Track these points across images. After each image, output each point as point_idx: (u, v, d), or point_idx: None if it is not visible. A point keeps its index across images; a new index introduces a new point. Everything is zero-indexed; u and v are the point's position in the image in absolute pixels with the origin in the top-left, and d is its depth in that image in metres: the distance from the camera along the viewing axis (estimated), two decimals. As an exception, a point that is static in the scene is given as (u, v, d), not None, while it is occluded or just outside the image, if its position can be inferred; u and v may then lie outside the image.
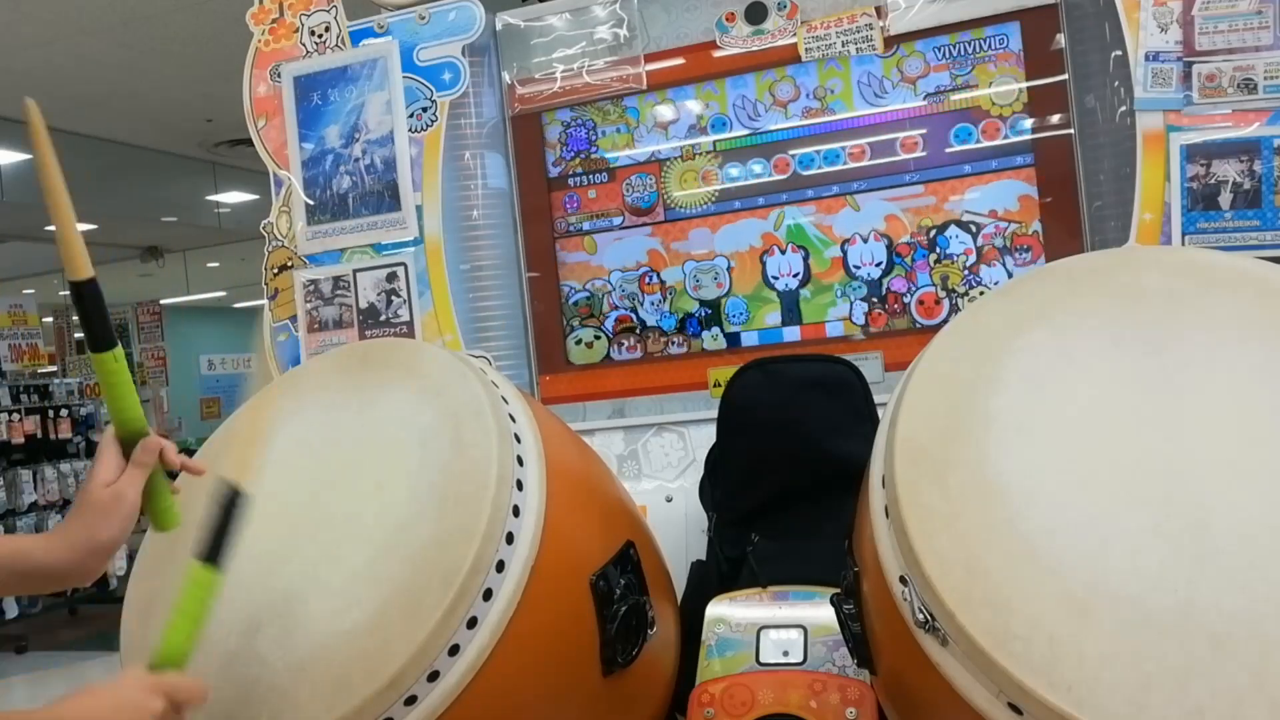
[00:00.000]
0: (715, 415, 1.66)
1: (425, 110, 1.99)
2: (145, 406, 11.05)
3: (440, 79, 1.98)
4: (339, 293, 2.05)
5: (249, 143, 2.14)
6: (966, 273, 1.85)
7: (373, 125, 2.02)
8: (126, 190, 7.91)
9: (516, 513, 1.09)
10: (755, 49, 1.92)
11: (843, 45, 1.86)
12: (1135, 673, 0.83)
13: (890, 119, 1.89)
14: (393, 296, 2.01)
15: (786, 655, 1.35)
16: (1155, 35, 1.60)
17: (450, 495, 1.08)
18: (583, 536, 1.23)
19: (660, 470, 1.93)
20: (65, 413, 7.13)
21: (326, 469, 1.20)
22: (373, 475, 1.15)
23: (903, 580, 0.97)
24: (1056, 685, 0.83)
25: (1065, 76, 1.77)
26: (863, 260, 1.90)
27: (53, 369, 8.59)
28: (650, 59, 1.98)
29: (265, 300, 2.12)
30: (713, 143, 1.99)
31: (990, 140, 1.83)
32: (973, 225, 1.84)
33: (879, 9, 1.84)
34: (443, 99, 1.98)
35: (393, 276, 2.01)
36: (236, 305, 14.06)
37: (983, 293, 1.83)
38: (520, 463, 1.13)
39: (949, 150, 1.85)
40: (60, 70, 5.73)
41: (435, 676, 1.00)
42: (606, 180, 2.06)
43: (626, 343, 2.05)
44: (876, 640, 1.12)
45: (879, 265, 1.90)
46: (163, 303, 11.29)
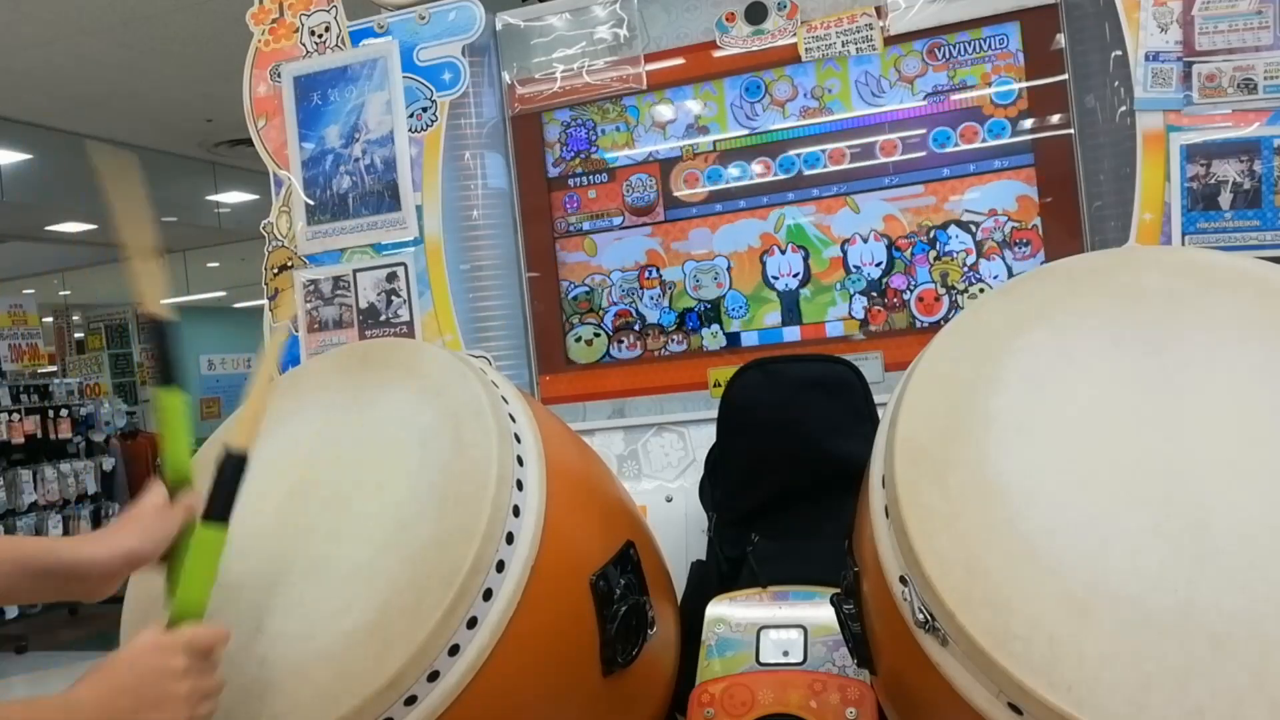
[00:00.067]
0: (715, 415, 1.65)
1: (425, 110, 1.99)
2: (145, 406, 11.08)
3: (440, 79, 1.98)
4: (339, 293, 2.05)
5: (249, 143, 2.14)
6: (966, 270, 1.85)
7: (373, 125, 2.02)
8: (126, 190, 7.90)
9: (516, 513, 1.09)
10: (755, 49, 1.92)
11: (843, 45, 1.86)
12: (1135, 673, 0.83)
13: (889, 119, 1.89)
14: (393, 296, 2.01)
15: (786, 655, 1.35)
16: (1155, 35, 1.60)
17: (450, 495, 1.08)
18: (583, 536, 1.23)
19: (660, 470, 1.93)
20: (65, 413, 7.13)
21: (326, 469, 1.20)
22: (372, 475, 1.15)
23: (903, 580, 0.97)
24: (1056, 685, 0.83)
25: (1065, 76, 1.77)
26: (863, 260, 1.90)
27: (53, 369, 8.60)
28: (650, 59, 1.98)
29: (265, 300, 2.13)
30: (713, 142, 1.99)
31: (990, 140, 1.83)
32: (972, 225, 1.85)
33: (879, 9, 1.84)
34: (443, 99, 1.99)
35: (393, 276, 2.01)
36: (236, 305, 14.07)
37: (983, 289, 1.84)
38: (520, 463, 1.13)
39: (948, 150, 1.86)
40: (60, 70, 5.73)
41: (435, 676, 1.00)
42: (606, 180, 2.06)
43: (626, 340, 2.05)
44: (876, 640, 1.12)
45: (879, 265, 1.90)
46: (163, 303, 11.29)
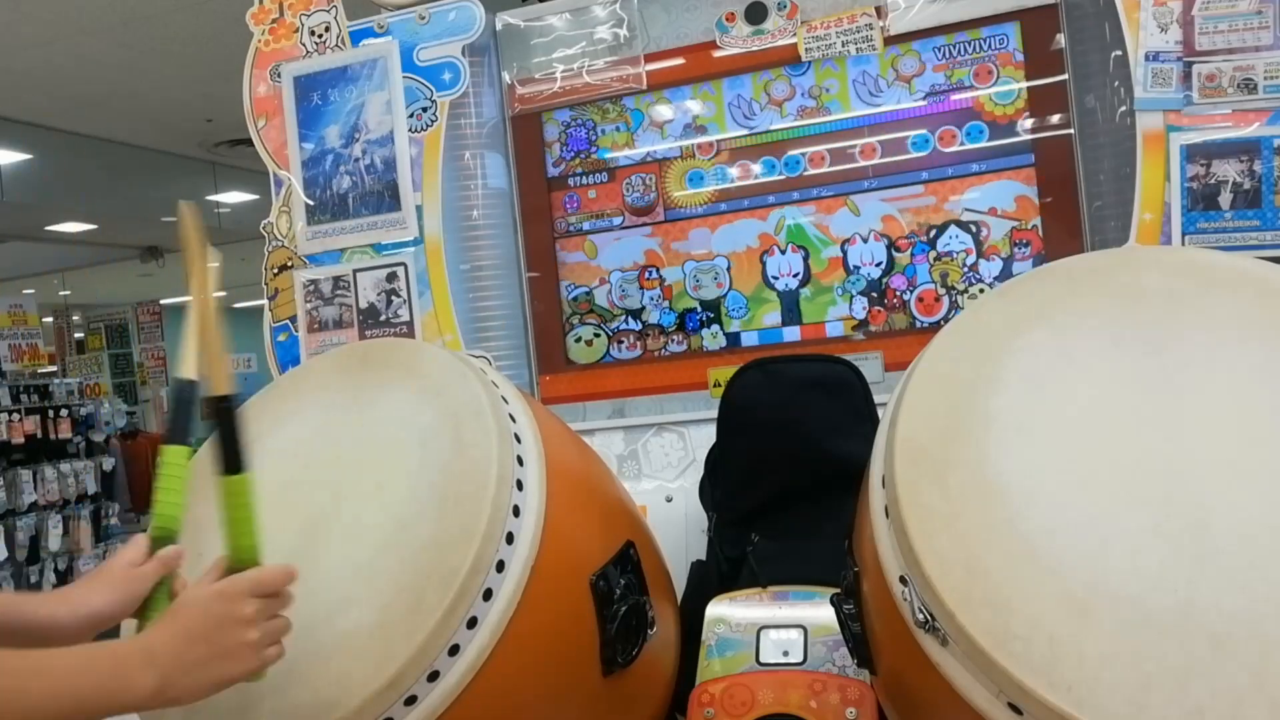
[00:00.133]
0: (715, 415, 1.65)
1: (425, 110, 1.99)
2: (145, 406, 11.03)
3: (440, 79, 1.98)
4: (339, 293, 2.05)
5: (249, 143, 2.14)
6: (966, 270, 1.85)
7: (373, 125, 2.02)
8: (126, 190, 7.91)
9: (516, 513, 1.09)
10: (755, 49, 1.92)
11: (843, 45, 1.86)
12: (1135, 673, 0.83)
13: (888, 119, 1.89)
14: (393, 296, 2.01)
15: (786, 655, 1.35)
16: (1155, 35, 1.60)
17: (450, 495, 1.08)
18: (583, 536, 1.23)
19: (660, 470, 1.93)
20: (65, 413, 7.12)
21: (326, 469, 1.20)
22: (373, 475, 1.15)
23: (903, 580, 0.97)
24: (1056, 685, 0.83)
25: (1065, 76, 1.76)
26: (862, 260, 1.90)
27: (53, 369, 8.60)
28: (650, 59, 1.98)
29: (265, 300, 2.13)
30: (713, 142, 1.99)
31: (990, 140, 1.83)
32: (973, 225, 1.84)
33: (879, 9, 1.83)
34: (443, 99, 1.98)
35: (393, 276, 2.01)
36: (236, 305, 14.06)
37: (982, 289, 1.83)
38: (520, 463, 1.13)
39: (948, 150, 1.85)
40: (60, 70, 5.73)
41: (435, 676, 1.00)
42: (606, 180, 2.06)
43: (626, 340, 2.05)
44: (876, 640, 1.12)
45: (879, 265, 1.90)
46: (163, 303, 11.30)
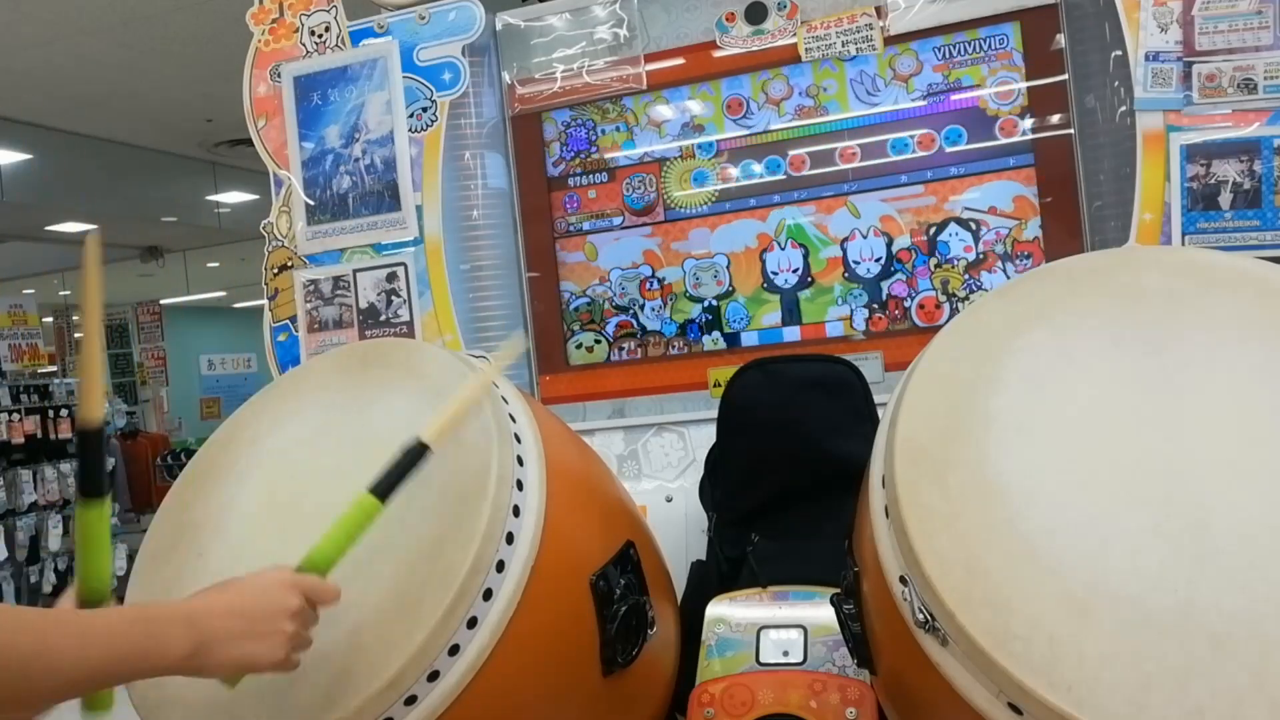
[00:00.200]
0: (715, 415, 1.65)
1: (425, 110, 1.99)
2: (145, 406, 11.01)
3: (440, 79, 1.98)
4: (339, 293, 2.05)
5: (249, 143, 2.14)
6: (967, 276, 1.85)
7: (373, 125, 2.02)
8: (126, 190, 7.91)
9: (516, 513, 1.09)
10: (755, 49, 1.92)
11: (843, 45, 1.86)
12: (1135, 673, 0.83)
13: (888, 119, 1.89)
14: (393, 296, 2.01)
15: (786, 655, 1.35)
16: (1155, 35, 1.60)
17: (450, 495, 1.08)
18: (583, 536, 1.23)
19: (660, 470, 1.93)
20: (65, 413, 7.12)
21: (326, 469, 1.20)
22: (372, 475, 1.14)
23: (903, 580, 0.97)
24: (1056, 685, 0.83)
25: (1065, 76, 1.77)
26: (862, 255, 1.90)
27: (53, 369, 8.59)
28: (650, 59, 1.98)
29: (266, 300, 2.13)
30: (713, 142, 1.99)
31: (990, 140, 1.83)
32: (973, 223, 1.84)
33: (879, 9, 1.84)
34: (443, 99, 1.98)
35: (393, 276, 2.01)
36: (236, 305, 14.07)
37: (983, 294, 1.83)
38: (520, 463, 1.13)
39: (948, 150, 1.85)
40: (60, 70, 5.73)
41: (435, 676, 1.00)
42: (606, 180, 2.06)
43: (627, 347, 2.05)
44: (876, 640, 1.12)
45: (878, 260, 1.89)
46: (163, 303, 11.31)
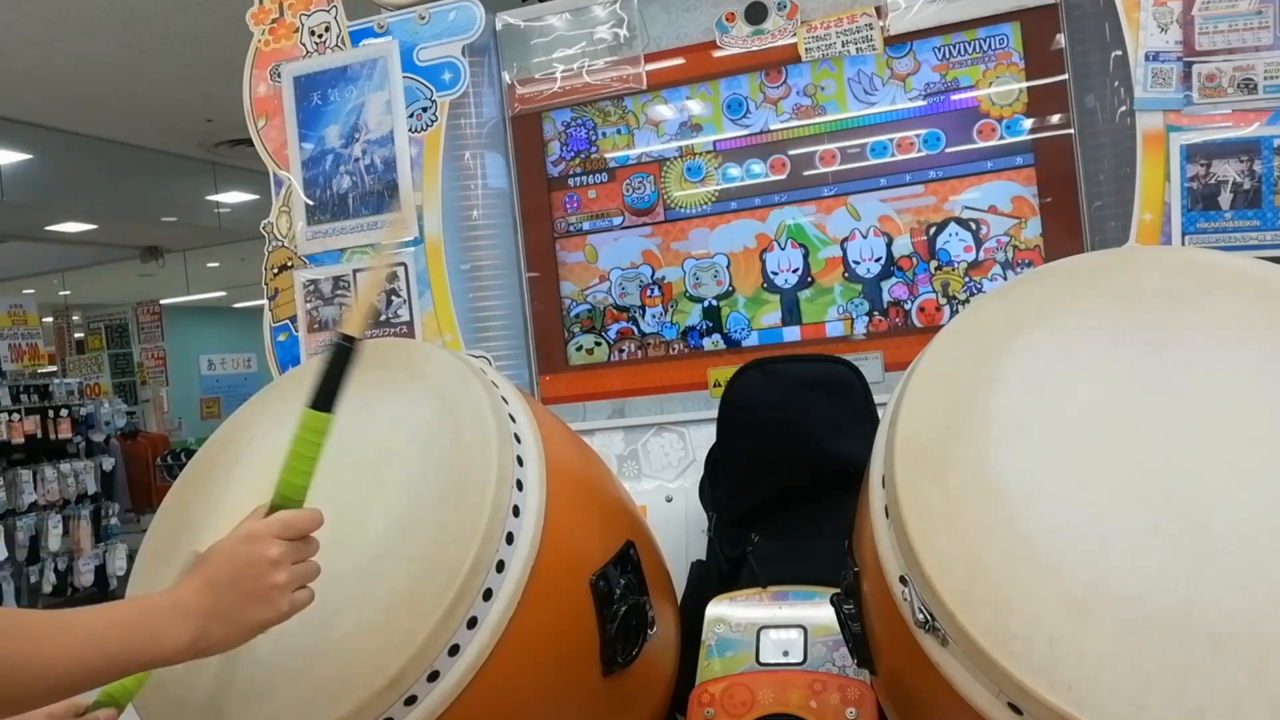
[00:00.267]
0: (715, 415, 1.65)
1: (425, 110, 1.99)
2: (145, 406, 11.03)
3: (440, 79, 1.98)
4: (339, 293, 2.05)
5: (249, 143, 2.14)
6: (967, 279, 1.85)
7: (373, 125, 2.02)
8: (126, 190, 7.91)
9: (516, 513, 1.09)
10: (755, 49, 1.92)
11: (843, 45, 1.86)
12: (1135, 673, 0.83)
13: (888, 119, 1.89)
14: (393, 296, 2.01)
15: (786, 655, 1.35)
16: (1155, 35, 1.60)
17: (450, 495, 1.08)
18: (583, 536, 1.23)
19: (660, 470, 1.93)
20: (65, 413, 7.12)
21: (326, 469, 1.19)
22: (372, 475, 1.14)
23: (903, 580, 0.97)
24: (1056, 685, 0.83)
25: (1065, 76, 1.76)
26: (862, 255, 1.90)
27: (53, 369, 8.60)
28: (650, 59, 1.98)
29: (265, 299, 2.13)
30: (712, 143, 1.99)
31: (988, 140, 1.83)
32: (973, 224, 1.84)
33: (879, 9, 1.83)
34: (443, 99, 1.98)
35: (393, 276, 2.01)
36: (236, 305, 14.07)
37: (983, 293, 1.83)
38: (520, 463, 1.13)
39: (948, 150, 1.85)
40: (60, 70, 5.73)
41: (435, 676, 1.00)
42: (606, 180, 2.06)
43: (627, 349, 2.05)
44: (876, 640, 1.12)
45: (878, 260, 1.89)
46: (163, 303, 11.30)
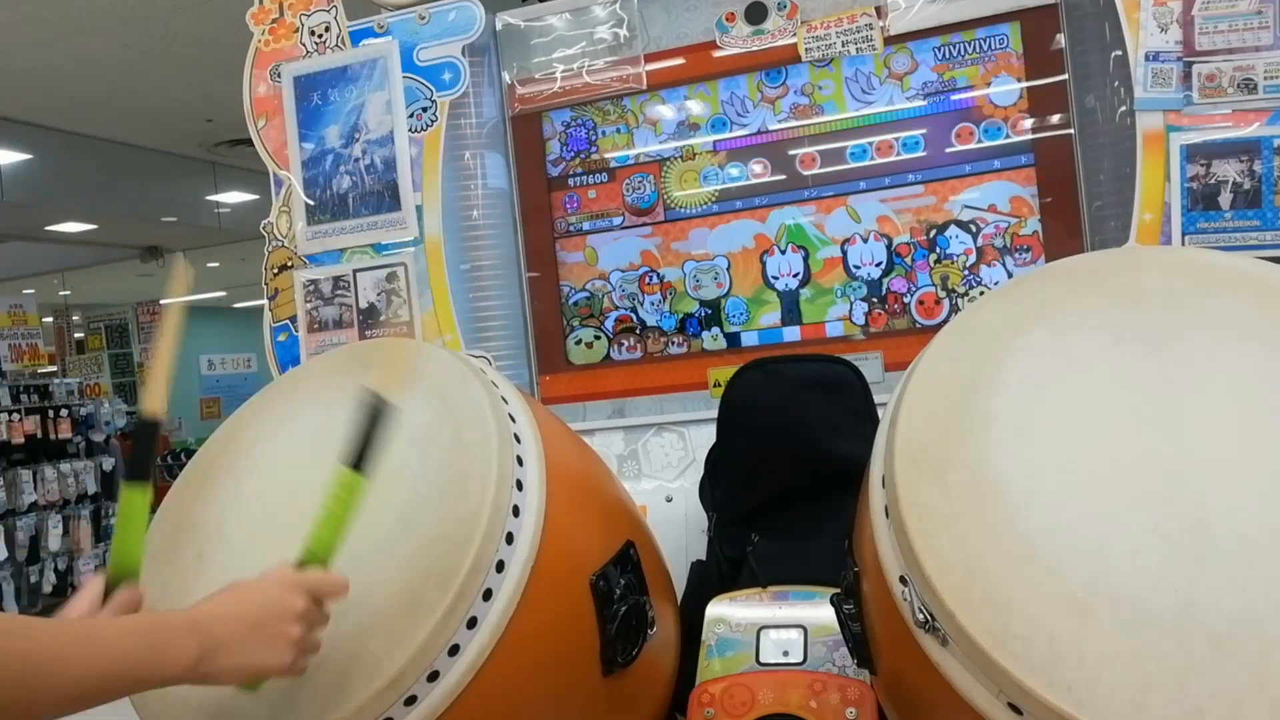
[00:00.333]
0: (715, 415, 1.65)
1: (425, 110, 1.99)
2: (145, 407, 11.09)
3: (440, 79, 1.98)
4: (339, 293, 2.05)
5: (249, 143, 2.14)
6: (966, 273, 1.85)
7: (373, 125, 2.02)
8: (126, 190, 7.91)
9: (516, 513, 1.09)
10: (755, 49, 1.92)
11: (843, 45, 1.86)
12: (1135, 673, 0.83)
13: (888, 119, 1.89)
14: (393, 296, 2.01)
15: (786, 655, 1.35)
16: (1155, 35, 1.60)
17: (450, 495, 1.08)
18: (583, 536, 1.23)
19: (660, 470, 1.93)
20: (65, 413, 7.12)
21: (326, 469, 1.19)
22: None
23: (903, 580, 0.97)
24: (1056, 685, 0.83)
25: (1065, 76, 1.76)
26: (863, 260, 1.90)
27: (53, 369, 8.60)
28: (650, 59, 1.98)
29: (266, 300, 2.13)
30: (712, 143, 1.99)
31: (989, 140, 1.83)
32: (973, 225, 1.84)
33: (879, 9, 1.83)
34: (443, 99, 1.98)
35: (393, 276, 2.01)
36: (236, 305, 14.07)
37: (983, 292, 1.83)
38: (520, 463, 1.13)
39: (948, 150, 1.85)
40: (60, 70, 5.73)
41: (435, 676, 1.00)
42: (606, 180, 2.06)
43: (626, 343, 2.05)
44: (876, 640, 1.12)
45: (879, 265, 1.89)
46: (163, 303, 11.30)
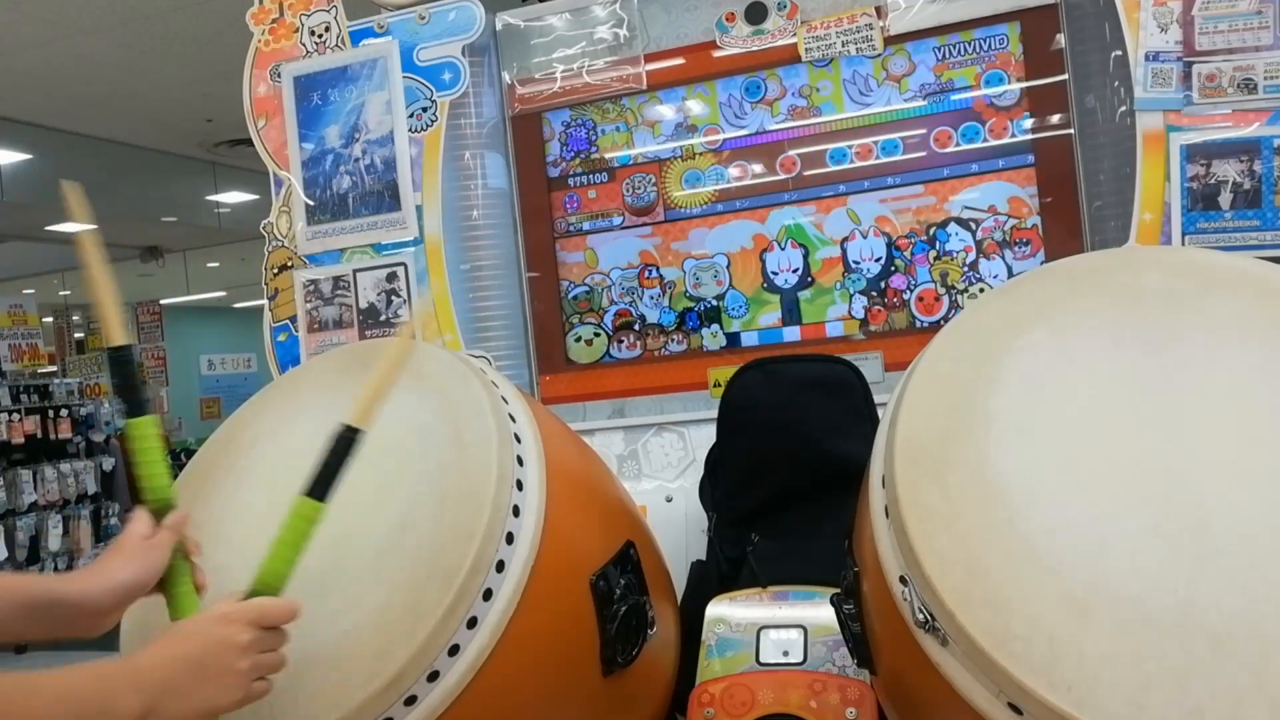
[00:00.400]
0: (715, 415, 1.65)
1: (425, 110, 1.99)
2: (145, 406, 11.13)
3: (440, 79, 1.98)
4: (339, 293, 2.05)
5: (249, 143, 2.14)
6: (966, 269, 1.85)
7: (373, 125, 2.02)
8: (126, 190, 7.91)
9: (516, 513, 1.09)
10: (755, 49, 1.92)
11: (843, 45, 1.86)
12: (1135, 673, 0.83)
13: (887, 119, 1.88)
14: (393, 296, 2.01)
15: (786, 655, 1.35)
16: (1155, 35, 1.60)
17: (450, 495, 1.08)
18: (583, 536, 1.23)
19: (660, 470, 1.93)
20: (65, 413, 7.13)
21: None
22: (372, 475, 1.14)
23: (903, 580, 0.97)
24: (1056, 685, 0.83)
25: (1065, 76, 1.76)
26: (862, 255, 1.90)
27: (53, 369, 8.59)
28: (650, 59, 1.98)
29: (264, 299, 2.12)
30: (717, 142, 1.98)
31: (991, 140, 1.83)
32: (973, 223, 1.84)
33: (879, 9, 1.83)
34: (443, 99, 1.98)
35: (393, 276, 2.01)
36: (236, 305, 14.07)
37: (983, 289, 1.83)
38: (520, 463, 1.13)
39: (948, 151, 1.85)
40: (60, 70, 5.73)
41: (435, 676, 1.00)
42: (606, 180, 2.06)
43: (626, 340, 2.05)
44: (876, 640, 1.12)
45: (878, 260, 1.89)
46: (163, 303, 11.31)
